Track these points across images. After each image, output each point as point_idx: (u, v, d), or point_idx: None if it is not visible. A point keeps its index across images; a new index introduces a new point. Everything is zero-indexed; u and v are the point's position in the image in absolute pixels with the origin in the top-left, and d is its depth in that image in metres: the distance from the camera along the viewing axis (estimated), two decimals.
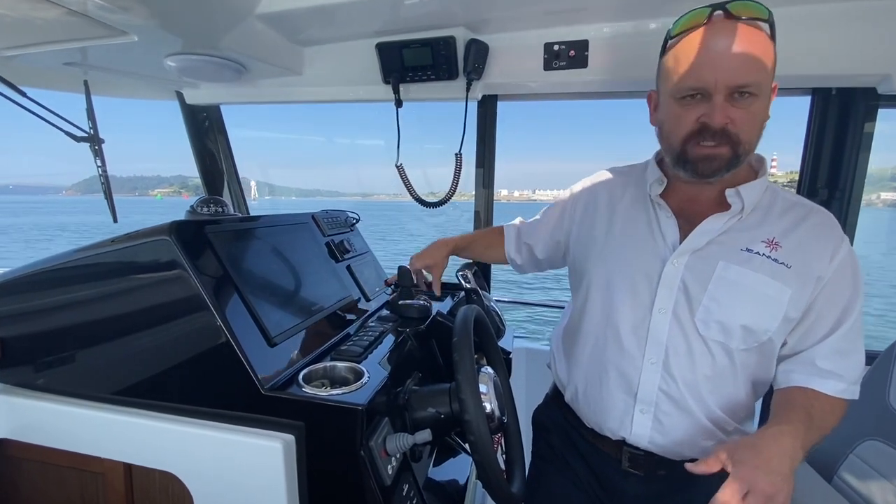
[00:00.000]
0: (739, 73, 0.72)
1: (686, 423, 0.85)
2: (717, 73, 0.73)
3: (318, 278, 1.14)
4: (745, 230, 0.83)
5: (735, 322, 0.80)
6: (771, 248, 0.80)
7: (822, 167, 1.41)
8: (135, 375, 0.85)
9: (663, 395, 0.85)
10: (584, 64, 1.34)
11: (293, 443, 0.76)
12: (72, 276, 0.87)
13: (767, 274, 0.79)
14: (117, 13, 1.00)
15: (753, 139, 0.77)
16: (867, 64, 1.20)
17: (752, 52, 0.72)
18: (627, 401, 0.88)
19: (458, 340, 0.82)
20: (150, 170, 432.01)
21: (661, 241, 0.87)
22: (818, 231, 0.81)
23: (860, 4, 1.14)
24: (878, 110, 1.34)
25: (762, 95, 0.74)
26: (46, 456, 0.90)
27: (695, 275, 0.82)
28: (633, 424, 0.88)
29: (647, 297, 0.86)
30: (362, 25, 1.37)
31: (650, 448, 0.88)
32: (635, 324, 0.87)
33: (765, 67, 0.73)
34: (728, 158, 0.77)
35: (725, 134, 0.75)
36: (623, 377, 0.88)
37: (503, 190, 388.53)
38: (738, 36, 0.72)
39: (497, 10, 1.25)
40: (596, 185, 1.04)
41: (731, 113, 0.74)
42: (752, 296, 0.79)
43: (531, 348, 1.95)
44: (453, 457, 1.14)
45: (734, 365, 0.83)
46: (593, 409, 0.94)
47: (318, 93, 1.64)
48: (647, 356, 0.86)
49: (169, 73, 1.43)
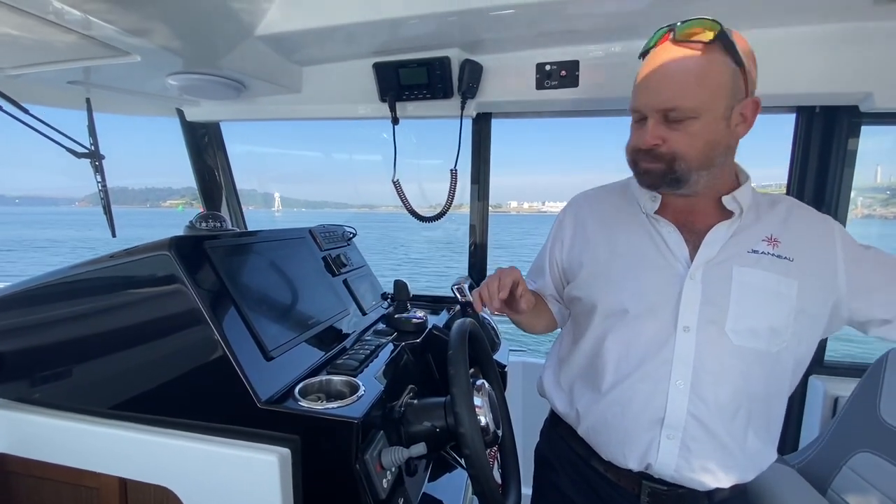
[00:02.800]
0: (666, 98, 0.75)
1: (713, 447, 0.82)
2: (648, 97, 0.77)
3: (315, 292, 1.15)
4: (748, 232, 0.85)
5: (762, 324, 0.80)
6: (772, 244, 0.83)
7: (808, 183, 1.44)
8: (132, 389, 0.85)
9: (692, 419, 0.81)
10: (575, 83, 1.38)
11: (289, 456, 0.76)
12: (70, 291, 0.88)
13: (776, 271, 0.81)
14: (122, 35, 1.03)
15: (695, 156, 0.77)
16: (850, 83, 1.24)
17: (683, 76, 0.74)
18: (653, 428, 0.83)
19: (453, 354, 0.83)
20: (162, 182, 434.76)
21: (672, 257, 0.85)
22: (806, 219, 0.86)
23: (842, 26, 1.19)
24: (861, 127, 1.38)
25: (703, 116, 0.75)
26: (42, 471, 0.90)
27: (715, 285, 0.81)
28: (660, 452, 0.83)
29: (669, 317, 0.83)
30: (360, 46, 1.41)
31: (675, 477, 0.83)
32: (659, 346, 0.83)
33: (699, 90, 0.74)
34: (661, 173, 0.80)
35: (654, 154, 0.79)
36: (649, 404, 0.84)
37: (513, 202, 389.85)
38: (672, 60, 0.75)
39: (491, 32, 1.29)
40: (578, 211, 1.02)
41: (665, 134, 0.77)
42: (767, 295, 0.80)
43: (527, 362, 1.95)
44: (449, 471, 1.14)
45: (765, 369, 0.81)
46: (615, 439, 0.88)
47: (316, 110, 1.67)
48: (673, 378, 0.82)
49: (170, 91, 1.46)
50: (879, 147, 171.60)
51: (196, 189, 2.09)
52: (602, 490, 0.92)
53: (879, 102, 1.22)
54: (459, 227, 2.17)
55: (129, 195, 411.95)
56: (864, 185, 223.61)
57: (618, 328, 0.88)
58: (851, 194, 1.41)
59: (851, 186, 1.40)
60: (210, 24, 1.14)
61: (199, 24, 1.12)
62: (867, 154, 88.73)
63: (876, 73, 1.21)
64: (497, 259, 19.79)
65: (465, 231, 1.82)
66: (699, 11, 1.20)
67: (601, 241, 0.95)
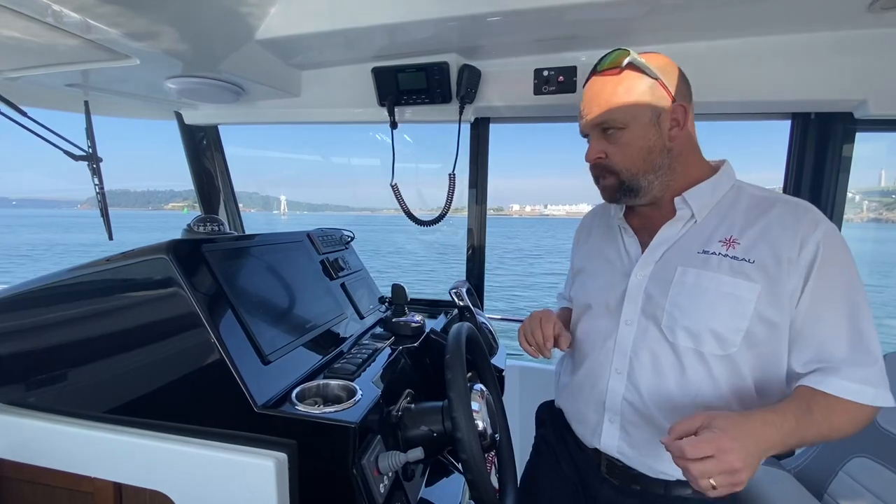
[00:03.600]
0: (596, 114, 0.87)
1: (653, 435, 0.85)
2: (584, 118, 0.90)
3: (313, 296, 1.15)
4: (702, 233, 0.85)
5: (702, 326, 0.80)
6: (728, 246, 0.81)
7: (804, 188, 1.45)
8: (128, 393, 0.85)
9: (628, 405, 0.88)
10: (573, 89, 1.39)
11: (285, 461, 0.76)
12: (66, 295, 0.87)
13: (726, 273, 0.79)
14: (122, 39, 1.04)
15: (633, 163, 0.86)
16: (844, 90, 1.25)
17: (607, 95, 0.86)
18: (598, 410, 0.93)
19: (451, 358, 0.83)
20: (164, 185, 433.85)
21: (626, 258, 0.94)
22: (783, 219, 0.79)
23: (837, 34, 1.20)
24: (856, 134, 1.39)
25: (631, 125, 0.84)
26: (37, 476, 0.90)
27: (656, 284, 0.86)
28: (603, 434, 0.92)
29: (616, 311, 0.92)
30: (359, 51, 1.41)
31: (620, 458, 0.90)
32: (606, 337, 0.93)
33: (622, 103, 0.84)
34: (615, 186, 0.89)
35: (601, 166, 0.90)
36: (595, 388, 0.93)
37: (515, 205, 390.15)
38: (598, 87, 0.88)
39: (489, 38, 1.30)
40: (590, 221, 1.14)
41: (605, 147, 0.87)
42: (713, 297, 0.79)
43: (524, 366, 1.96)
44: (446, 476, 1.14)
45: (711, 374, 0.81)
46: (573, 415, 1.01)
47: (315, 114, 1.68)
48: (613, 365, 0.90)
49: (168, 94, 1.46)
50: (879, 151, 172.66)
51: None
52: (575, 455, 1.03)
53: (874, 109, 1.23)
54: (458, 230, 2.17)
55: (131, 197, 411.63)
56: (870, 189, 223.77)
57: (583, 321, 1.01)
58: (857, 198, 1.43)
59: (847, 191, 1.41)
60: (211, 29, 1.14)
61: (200, 29, 1.12)
62: (870, 158, 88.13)
63: (870, 80, 1.22)
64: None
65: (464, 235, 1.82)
66: (693, 21, 1.22)
67: (583, 250, 1.09)
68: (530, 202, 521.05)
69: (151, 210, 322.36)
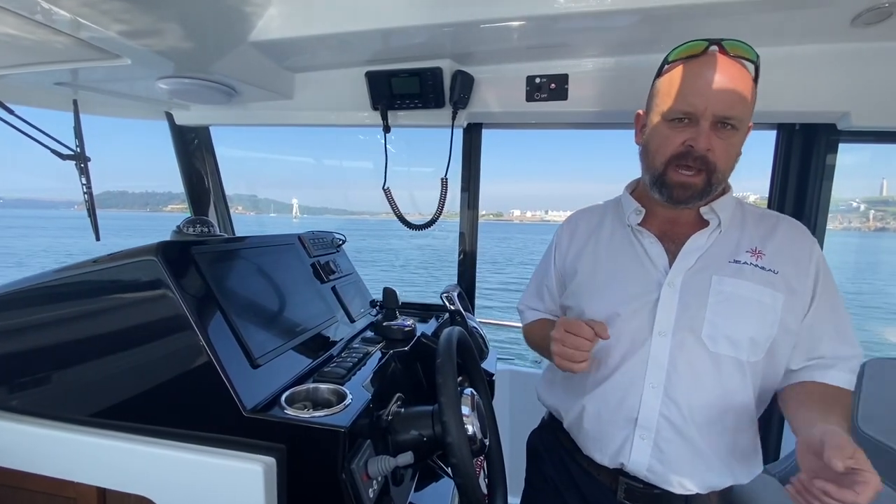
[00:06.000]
0: (726, 105, 0.77)
1: (687, 450, 0.83)
2: (707, 101, 0.77)
3: (303, 299, 1.15)
4: (729, 243, 0.86)
5: (742, 334, 0.81)
6: (755, 256, 0.84)
7: (789, 197, 1.48)
8: (114, 396, 0.83)
9: (664, 421, 0.84)
10: (565, 96, 1.41)
11: (274, 466, 0.75)
12: (52, 296, 0.86)
13: (759, 282, 0.82)
14: (113, 38, 1.03)
15: (727, 170, 0.82)
16: (828, 102, 1.29)
17: (739, 88, 0.77)
18: (627, 427, 0.87)
19: (441, 362, 0.83)
20: (162, 187, 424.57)
21: (652, 266, 0.89)
22: (792, 236, 0.86)
23: (821, 48, 1.23)
24: (839, 144, 1.43)
25: (741, 130, 0.80)
26: (17, 480, 0.88)
27: (692, 293, 0.84)
28: (633, 451, 0.86)
29: (646, 322, 0.86)
30: (352, 55, 1.42)
31: (648, 477, 0.86)
32: (636, 349, 0.87)
33: (747, 104, 0.79)
34: (701, 188, 0.81)
35: (705, 161, 0.79)
36: (623, 404, 0.87)
37: (516, 210, 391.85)
38: (728, 71, 0.77)
39: (482, 45, 1.31)
40: (574, 226, 1.07)
41: (712, 142, 0.78)
42: (749, 305, 0.81)
43: (515, 370, 1.96)
44: (435, 481, 1.13)
45: (745, 380, 0.83)
46: (592, 435, 0.92)
47: (307, 116, 1.67)
48: (647, 380, 0.85)
49: (159, 95, 1.45)
50: (877, 160, 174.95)
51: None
52: (584, 485, 0.96)
53: (856, 121, 1.27)
54: (449, 234, 2.18)
55: (129, 199, 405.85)
56: (873, 198, 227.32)
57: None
58: (862, 208, 1.46)
59: (830, 200, 1.45)
60: (204, 30, 1.14)
61: (194, 30, 1.12)
62: (869, 167, 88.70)
63: (853, 93, 1.25)
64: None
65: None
66: (685, 32, 1.24)
67: (590, 253, 0.99)
68: (531, 208, 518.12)
69: (150, 212, 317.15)
